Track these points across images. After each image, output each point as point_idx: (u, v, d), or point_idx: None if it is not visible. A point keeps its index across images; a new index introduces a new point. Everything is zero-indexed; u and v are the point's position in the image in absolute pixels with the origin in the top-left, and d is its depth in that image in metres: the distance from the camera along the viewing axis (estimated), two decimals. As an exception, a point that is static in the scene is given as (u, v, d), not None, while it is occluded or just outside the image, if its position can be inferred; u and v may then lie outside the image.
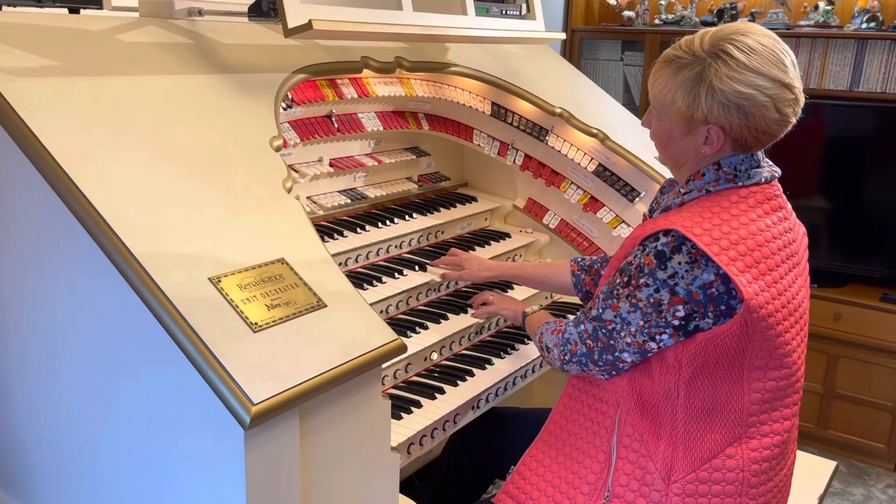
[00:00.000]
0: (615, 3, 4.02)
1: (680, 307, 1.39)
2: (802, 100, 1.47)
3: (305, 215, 1.43)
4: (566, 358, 1.58)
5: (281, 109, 1.82)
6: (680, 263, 1.38)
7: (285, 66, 1.79)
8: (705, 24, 3.77)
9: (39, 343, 1.37)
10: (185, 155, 1.38)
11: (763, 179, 1.49)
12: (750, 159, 1.48)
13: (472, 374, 1.93)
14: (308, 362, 1.17)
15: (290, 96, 1.85)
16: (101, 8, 1.62)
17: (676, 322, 1.40)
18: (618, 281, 1.48)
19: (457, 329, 2.02)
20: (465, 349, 2.07)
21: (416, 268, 2.14)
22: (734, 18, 3.69)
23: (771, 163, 1.57)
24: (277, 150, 1.55)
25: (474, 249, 2.36)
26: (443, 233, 2.39)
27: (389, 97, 2.13)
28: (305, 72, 1.82)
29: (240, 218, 1.33)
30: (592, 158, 2.44)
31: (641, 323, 1.42)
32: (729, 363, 1.42)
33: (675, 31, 3.80)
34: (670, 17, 3.91)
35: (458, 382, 1.88)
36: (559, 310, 2.36)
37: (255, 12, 1.63)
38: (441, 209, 2.43)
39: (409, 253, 2.25)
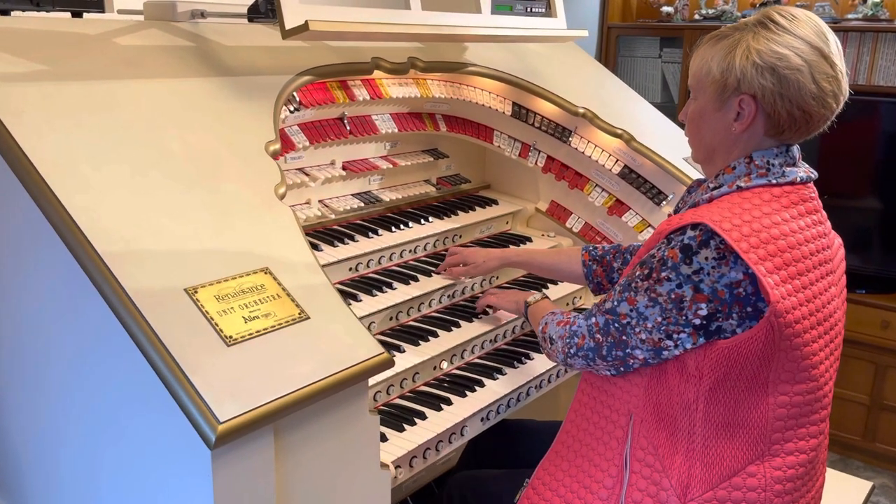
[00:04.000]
0: (653, -2, 3.90)
1: (703, 305, 1.31)
2: (846, 88, 1.40)
3: (296, 222, 1.39)
4: (571, 351, 1.51)
5: (288, 112, 1.79)
6: (707, 259, 1.30)
7: (290, 68, 1.75)
8: (747, 18, 3.63)
9: (27, 349, 1.36)
10: (174, 160, 1.35)
11: (799, 179, 1.41)
12: (784, 154, 1.41)
13: (482, 385, 1.86)
14: (283, 378, 1.12)
15: (297, 98, 1.81)
16: (104, 11, 1.60)
17: (697, 321, 1.33)
18: (637, 273, 1.40)
19: (469, 337, 1.96)
20: (478, 357, 2.01)
21: (431, 273, 2.09)
22: (777, 12, 3.54)
23: (807, 165, 1.49)
24: (274, 154, 1.52)
25: (492, 254, 2.30)
26: (460, 237, 2.33)
27: (404, 98, 2.08)
28: (311, 74, 1.79)
29: (225, 225, 1.29)
30: (618, 160, 2.35)
31: (659, 319, 1.35)
32: (753, 374, 1.33)
33: (715, 27, 3.66)
34: (711, 11, 3.78)
35: (467, 393, 1.82)
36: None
37: (255, 13, 1.59)
38: (459, 212, 2.37)
39: (425, 257, 2.20)
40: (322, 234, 2.02)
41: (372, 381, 1.70)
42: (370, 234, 2.08)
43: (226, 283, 1.19)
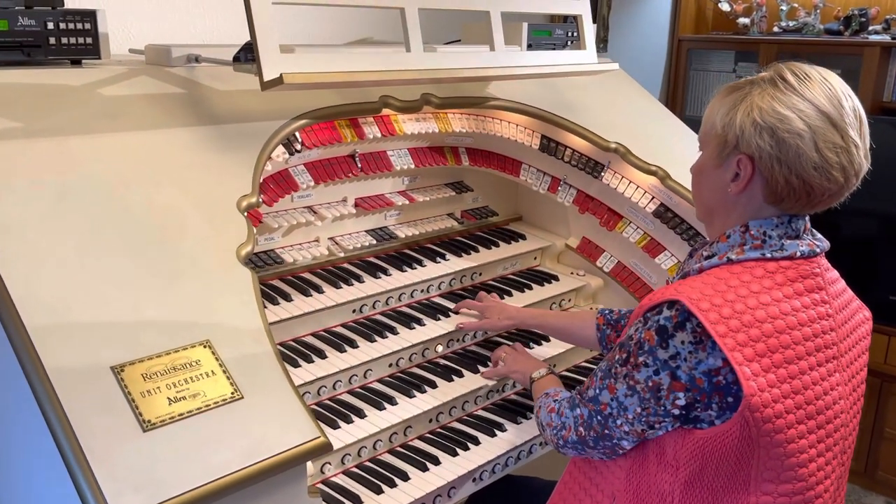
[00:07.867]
0: (729, 9, 3.65)
1: (680, 395, 1.21)
2: (861, 162, 1.25)
3: (252, 287, 1.34)
4: (560, 443, 1.45)
5: (287, 155, 1.74)
6: (683, 343, 1.20)
7: (286, 111, 1.71)
8: (829, 32, 3.35)
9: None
10: (131, 221, 1.32)
11: (799, 254, 1.27)
12: (785, 226, 1.29)
13: (476, 442, 1.78)
14: (199, 467, 1.08)
15: (300, 139, 1.77)
16: (100, 58, 1.60)
17: (676, 411, 1.23)
18: (616, 357, 1.31)
19: (471, 388, 1.88)
20: (482, 409, 1.93)
21: (439, 316, 2.01)
22: (863, 26, 3.25)
23: (818, 235, 1.34)
24: (248, 209, 1.48)
25: (511, 295, 2.20)
26: (480, 274, 2.24)
27: (421, 134, 2.00)
28: (308, 117, 1.74)
29: (172, 292, 1.26)
30: (653, 198, 2.20)
31: (639, 410, 1.26)
32: (732, 471, 1.22)
33: (792, 41, 3.40)
34: (791, 24, 3.50)
35: (458, 451, 1.74)
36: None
37: (237, 63, 1.56)
38: (481, 249, 2.28)
39: (439, 297, 2.13)
40: (328, 273, 1.98)
41: (356, 437, 1.65)
42: (379, 273, 2.03)
43: (157, 360, 1.16)
